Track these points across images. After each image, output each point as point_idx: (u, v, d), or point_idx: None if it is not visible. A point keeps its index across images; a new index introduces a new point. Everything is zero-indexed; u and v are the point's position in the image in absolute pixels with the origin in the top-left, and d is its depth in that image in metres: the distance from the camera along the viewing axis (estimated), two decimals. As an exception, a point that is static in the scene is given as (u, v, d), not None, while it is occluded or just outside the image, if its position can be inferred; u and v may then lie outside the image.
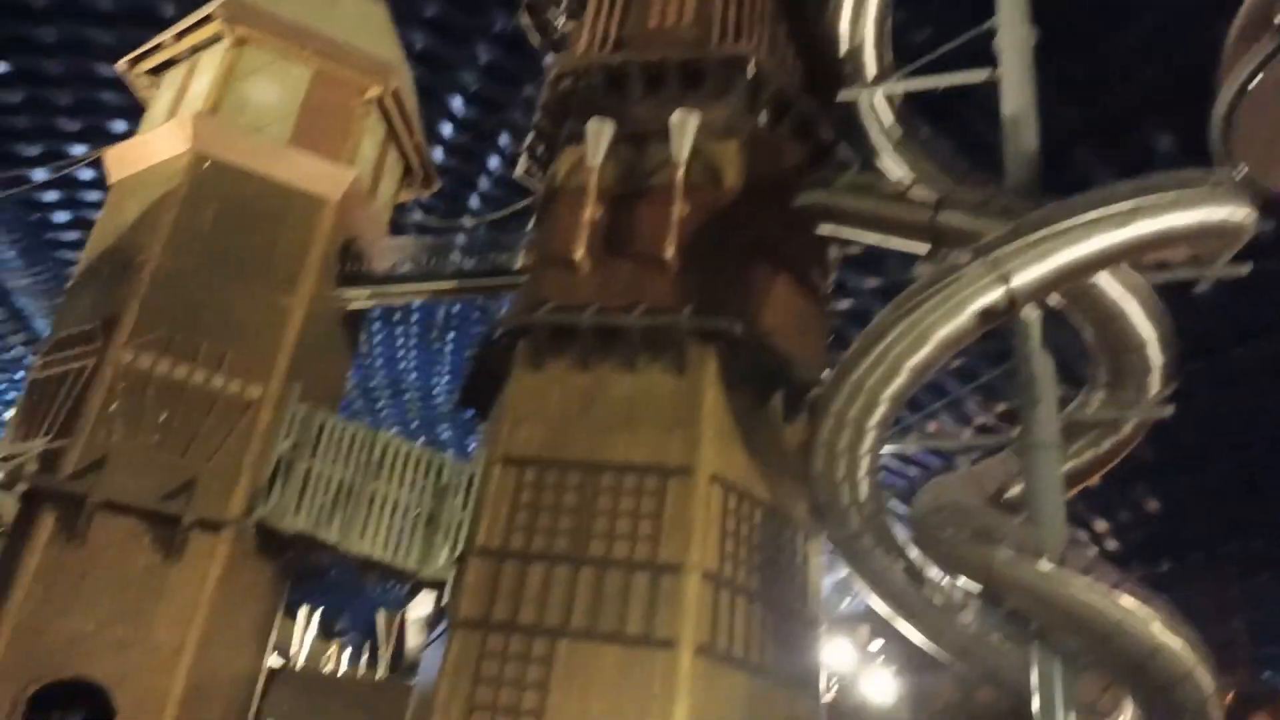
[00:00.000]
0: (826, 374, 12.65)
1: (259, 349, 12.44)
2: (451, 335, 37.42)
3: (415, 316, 35.70)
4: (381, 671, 22.66)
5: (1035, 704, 9.11)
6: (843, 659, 18.82)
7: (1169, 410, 10.81)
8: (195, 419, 11.79)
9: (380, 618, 23.35)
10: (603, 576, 11.45)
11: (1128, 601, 8.17)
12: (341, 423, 13.04)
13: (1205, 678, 8.16)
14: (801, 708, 12.32)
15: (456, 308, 35.52)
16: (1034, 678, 9.17)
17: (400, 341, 38.08)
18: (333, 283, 14.31)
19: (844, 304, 26.11)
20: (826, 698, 14.78)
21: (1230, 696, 20.00)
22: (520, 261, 15.38)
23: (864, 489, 11.89)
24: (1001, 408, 23.75)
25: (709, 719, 10.70)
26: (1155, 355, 10.50)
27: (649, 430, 12.40)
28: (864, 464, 11.71)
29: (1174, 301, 11.04)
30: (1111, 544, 26.24)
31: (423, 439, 39.67)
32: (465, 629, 11.33)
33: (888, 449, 12.43)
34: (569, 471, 12.24)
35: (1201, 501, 24.54)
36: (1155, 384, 10.80)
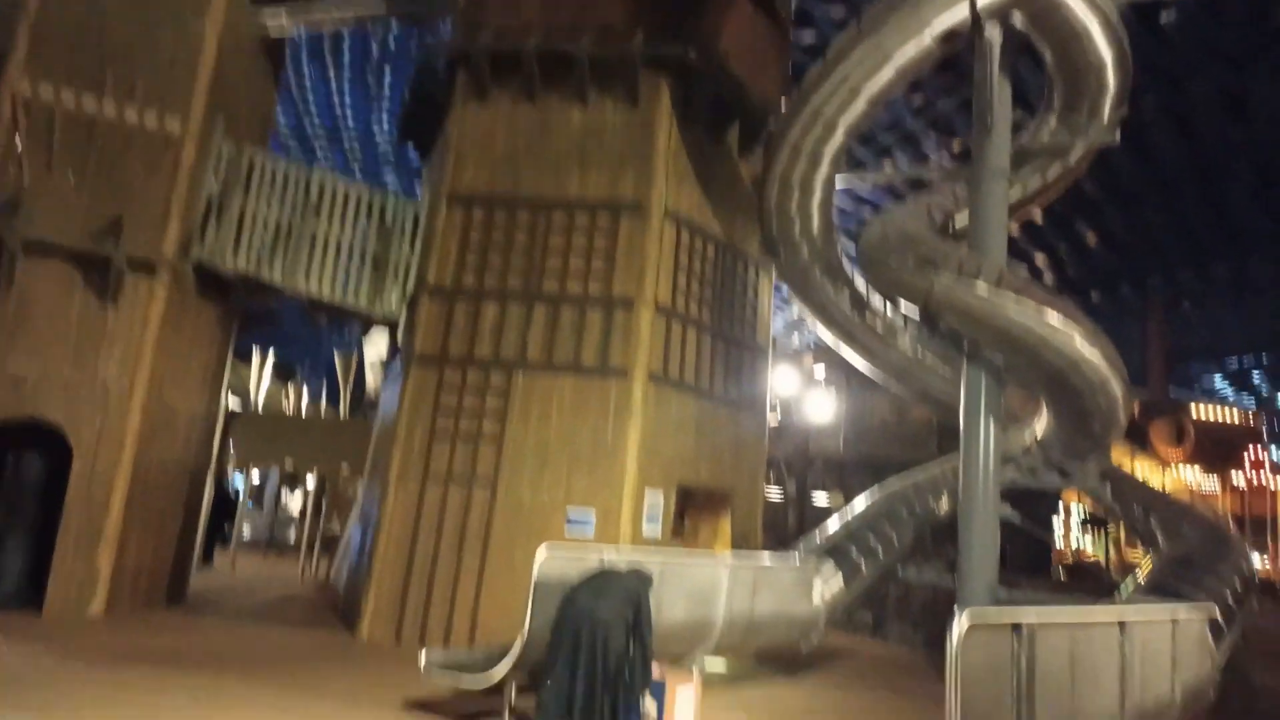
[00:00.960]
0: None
1: (173, 79, 11.45)
2: (389, 71, 35.08)
3: (348, 52, 33.15)
4: (343, 411, 23.47)
5: (962, 416, 9.81)
6: (788, 385, 19.93)
7: (1117, 136, 10.75)
8: (113, 157, 11.06)
9: (337, 359, 23.79)
10: (557, 312, 11.63)
11: (1055, 319, 8.58)
12: (273, 159, 12.43)
13: (1117, 386, 8.81)
14: (747, 426, 13.17)
15: (393, 41, 33.02)
16: (962, 393, 9.79)
17: (334, 79, 35.65)
18: (247, 3, 13.01)
19: (807, 36, 24.81)
20: (772, 419, 15.77)
21: (1137, 407, 21.87)
22: (457, -20, 14.04)
23: (816, 221, 11.97)
24: (957, 145, 23.51)
25: (660, 436, 11.40)
26: (1111, 77, 10.26)
27: (601, 166, 12.09)
28: (818, 194, 11.69)
29: (1137, 30, 10.65)
30: (1049, 276, 27.30)
31: (367, 179, 38.43)
32: (421, 364, 11.61)
33: (841, 181, 12.34)
34: (519, 209, 12.03)
35: (1136, 236, 25.33)
36: (1108, 109, 10.66)
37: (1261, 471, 22.86)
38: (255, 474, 22.29)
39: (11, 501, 10.80)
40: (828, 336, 13.21)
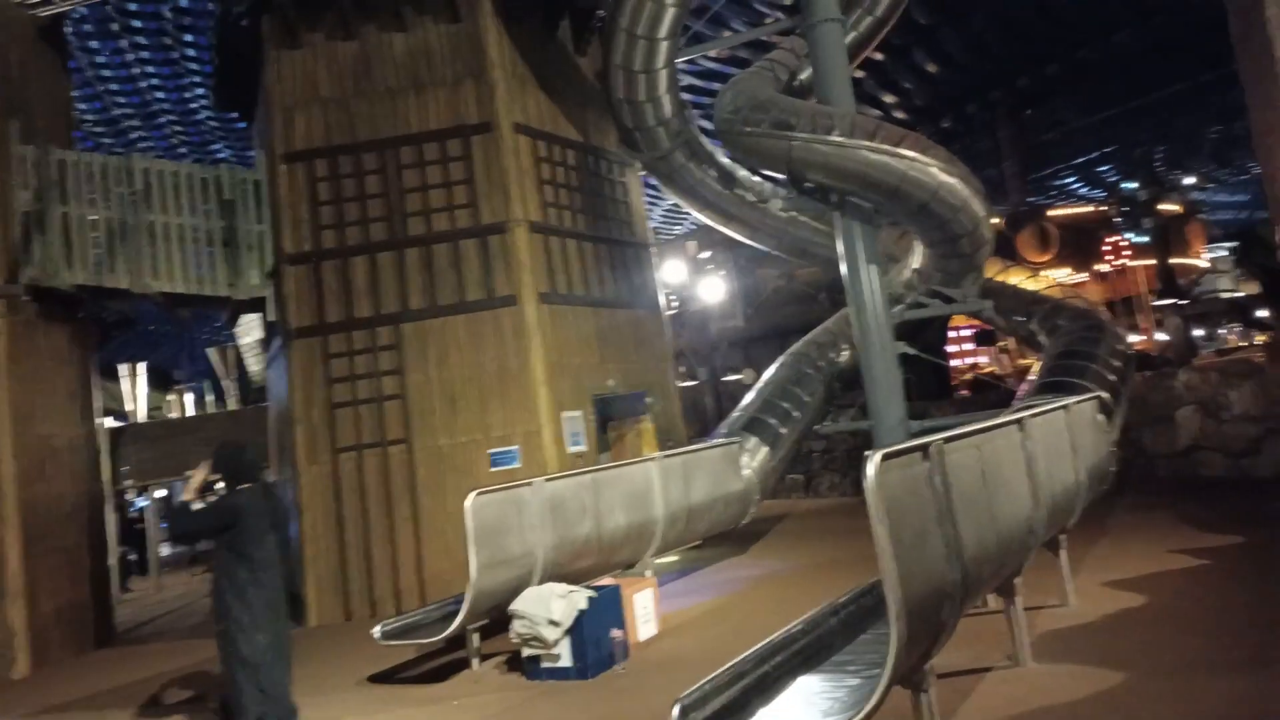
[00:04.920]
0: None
1: (-57, 90, 10.32)
2: (193, 34, 32.31)
3: (138, 22, 30.31)
4: (233, 404, 22.45)
5: (843, 267, 10.05)
6: (677, 275, 20.05)
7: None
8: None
9: (212, 355, 22.59)
10: (430, 254, 11.28)
11: (910, 154, 8.76)
12: (85, 157, 11.42)
13: (979, 205, 9.13)
14: (647, 323, 13.23)
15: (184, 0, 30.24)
16: (840, 245, 10.00)
17: (132, 57, 32.66)
18: (3, -9, 11.66)
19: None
20: (669, 312, 15.87)
21: (1001, 220, 22.91)
22: (231, -79, 12.87)
23: (667, 106, 11.78)
24: (788, -1, 23.29)
25: (564, 353, 11.35)
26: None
27: (437, 90, 11.57)
28: (663, 80, 11.47)
29: None
30: (900, 114, 27.81)
31: (197, 161, 35.90)
32: (301, 338, 11.15)
33: (682, 60, 12.13)
34: (362, 154, 11.46)
35: (970, 53, 25.88)
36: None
37: (1121, 254, 24.46)
38: (159, 493, 21.32)
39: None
40: (704, 219, 13.23)
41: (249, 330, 20.07)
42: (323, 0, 11.46)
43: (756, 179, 12.73)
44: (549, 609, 6.76)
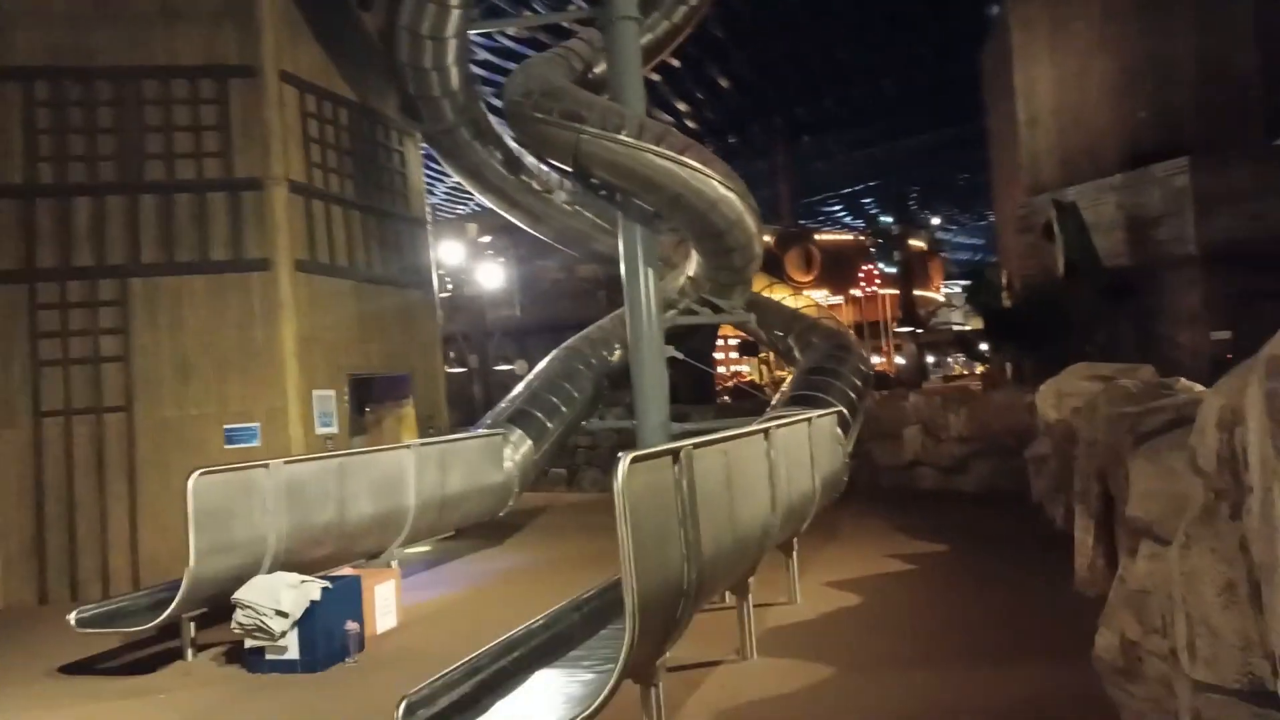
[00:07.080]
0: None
1: None
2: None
3: None
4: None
5: (623, 267, 10.14)
6: (455, 257, 19.46)
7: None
8: None
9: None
10: (170, 203, 10.08)
11: (693, 163, 8.99)
12: None
13: (751, 221, 9.56)
14: (415, 303, 12.66)
15: None
16: (621, 245, 10.08)
17: None
18: None
19: None
20: (442, 294, 15.33)
21: (772, 239, 24.35)
22: None
23: (454, 77, 11.35)
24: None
25: (320, 328, 10.57)
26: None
27: (193, 23, 10.34)
28: (451, 49, 11.03)
29: None
30: (691, 124, 28.82)
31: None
32: (4, 283, 9.60)
33: (476, 32, 11.74)
34: (96, 82, 10.03)
35: (760, 76, 27.34)
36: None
37: (873, 283, 26.85)
38: None
39: None
40: (486, 201, 12.90)
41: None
42: (61, -102, 9.93)
43: (543, 168, 12.57)
44: (277, 599, 6.26)
